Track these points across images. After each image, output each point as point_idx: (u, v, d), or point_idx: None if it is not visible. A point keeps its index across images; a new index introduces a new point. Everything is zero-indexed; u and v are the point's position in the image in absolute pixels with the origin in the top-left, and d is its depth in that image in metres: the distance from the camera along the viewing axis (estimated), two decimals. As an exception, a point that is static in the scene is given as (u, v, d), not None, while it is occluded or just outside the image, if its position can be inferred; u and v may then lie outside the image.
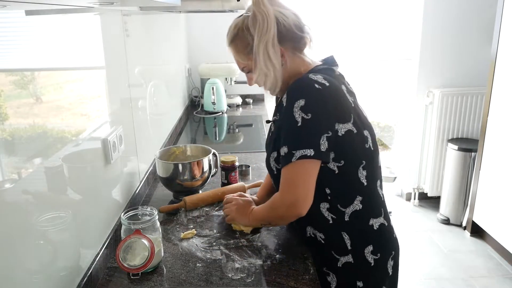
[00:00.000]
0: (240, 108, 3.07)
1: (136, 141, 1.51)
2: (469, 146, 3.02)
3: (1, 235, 0.69)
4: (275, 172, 1.10)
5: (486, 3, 3.01)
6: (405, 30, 3.28)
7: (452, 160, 3.07)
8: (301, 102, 0.98)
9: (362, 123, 1.06)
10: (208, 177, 1.50)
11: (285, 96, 1.04)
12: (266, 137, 1.28)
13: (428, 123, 3.30)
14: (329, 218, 1.08)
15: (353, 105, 1.06)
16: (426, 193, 3.40)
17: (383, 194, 1.15)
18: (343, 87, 1.07)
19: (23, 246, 0.75)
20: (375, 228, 1.10)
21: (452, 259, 2.68)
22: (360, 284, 1.10)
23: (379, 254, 1.09)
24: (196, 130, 2.64)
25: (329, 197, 1.06)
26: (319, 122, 0.98)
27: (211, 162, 1.50)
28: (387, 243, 1.13)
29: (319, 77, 1.01)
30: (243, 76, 3.44)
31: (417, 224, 3.13)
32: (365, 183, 1.07)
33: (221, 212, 1.37)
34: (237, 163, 1.58)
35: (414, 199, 3.44)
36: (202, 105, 2.94)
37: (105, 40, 1.22)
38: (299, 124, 0.98)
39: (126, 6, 1.42)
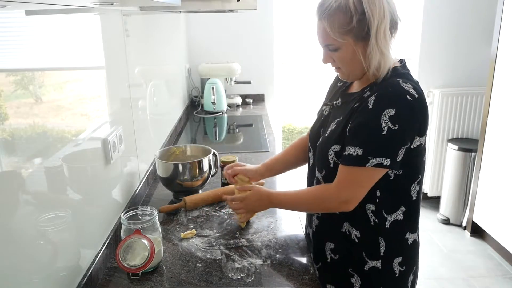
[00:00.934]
0: (240, 108, 3.07)
1: (136, 141, 1.51)
2: (469, 146, 3.02)
3: (1, 235, 0.69)
4: (332, 165, 1.07)
5: (486, 3, 3.01)
6: (405, 30, 3.28)
7: (452, 160, 3.07)
8: (391, 112, 0.95)
9: (426, 136, 1.06)
10: (208, 177, 1.50)
11: (372, 97, 0.98)
12: (315, 122, 1.21)
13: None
14: (371, 220, 1.07)
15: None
16: (426, 193, 3.40)
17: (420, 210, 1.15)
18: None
19: (23, 246, 0.75)
20: (409, 243, 1.10)
21: (452, 259, 2.67)
22: None
23: (404, 267, 1.09)
24: (196, 130, 2.64)
25: (377, 200, 1.05)
26: (404, 134, 0.97)
27: (211, 162, 1.50)
28: (413, 259, 1.13)
29: (409, 87, 0.98)
30: (243, 76, 3.43)
31: (417, 224, 3.13)
32: (414, 198, 1.08)
33: (221, 212, 1.37)
34: (237, 163, 1.58)
35: (414, 199, 3.44)
36: (202, 105, 2.94)
37: (105, 40, 1.22)
38: (384, 133, 0.95)
39: (126, 6, 1.42)
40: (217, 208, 1.41)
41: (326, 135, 1.10)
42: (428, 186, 3.37)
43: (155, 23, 1.98)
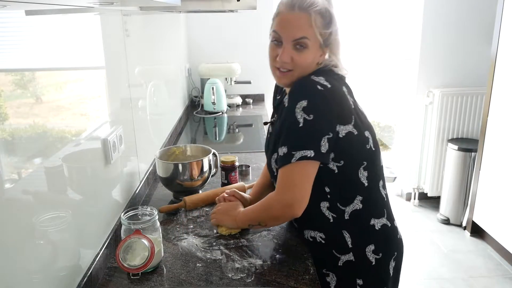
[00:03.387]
0: (240, 108, 3.07)
1: (136, 141, 1.51)
2: (469, 146, 3.02)
3: (1, 235, 0.69)
4: (275, 174, 1.10)
5: (486, 3, 3.01)
6: (405, 30, 3.28)
7: (452, 160, 3.07)
8: (304, 103, 0.98)
9: (362, 124, 1.06)
10: (208, 177, 1.50)
11: (286, 97, 1.04)
12: (265, 143, 1.27)
13: (428, 123, 3.30)
14: (330, 217, 1.07)
15: (353, 106, 1.06)
16: (426, 193, 3.40)
17: (386, 195, 1.14)
18: (344, 88, 1.07)
19: (23, 246, 0.75)
20: (376, 228, 1.09)
21: (452, 259, 2.67)
22: (360, 282, 1.10)
23: (380, 254, 1.09)
24: (196, 130, 2.64)
25: (328, 196, 1.06)
26: (321, 123, 0.98)
27: (211, 162, 1.50)
28: (389, 244, 1.13)
29: (321, 79, 1.01)
30: (243, 76, 3.44)
31: (417, 224, 3.13)
32: (366, 184, 1.07)
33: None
34: (237, 163, 1.58)
35: (414, 199, 3.44)
36: (202, 105, 2.94)
37: (105, 40, 1.22)
38: (301, 125, 0.98)
39: (126, 6, 1.42)
40: (217, 208, 1.41)
41: (269, 148, 1.15)
42: (428, 186, 3.37)
43: (155, 23, 1.98)
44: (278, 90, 1.27)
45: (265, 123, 1.25)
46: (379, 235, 1.10)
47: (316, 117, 0.97)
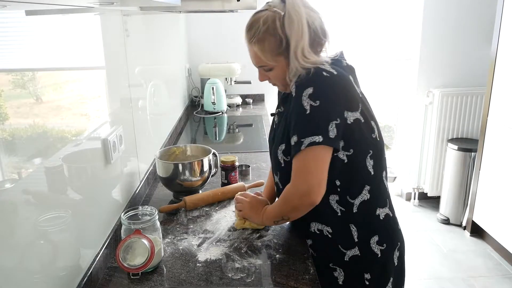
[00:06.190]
0: (240, 108, 3.07)
1: (136, 141, 1.51)
2: (469, 146, 3.02)
3: (1, 235, 0.69)
4: (283, 165, 1.10)
5: (485, 3, 3.01)
6: (405, 30, 3.28)
7: (452, 160, 3.07)
8: (309, 90, 0.99)
9: (369, 114, 1.07)
10: (208, 177, 1.50)
11: (294, 86, 1.03)
12: (269, 134, 1.27)
13: (428, 123, 3.30)
14: (338, 211, 1.08)
15: (360, 95, 1.07)
16: (426, 193, 3.40)
17: (387, 185, 1.16)
18: (351, 77, 1.08)
19: (23, 246, 0.76)
20: (381, 218, 1.10)
21: (452, 259, 2.68)
22: (367, 276, 1.10)
23: (384, 245, 1.10)
24: (196, 130, 2.64)
25: (338, 189, 1.07)
26: (327, 109, 0.99)
27: (211, 162, 1.50)
28: (392, 234, 1.14)
29: (327, 67, 1.02)
30: (243, 76, 3.44)
31: (417, 224, 3.13)
32: (372, 172, 1.08)
33: (221, 212, 1.38)
34: (237, 163, 1.58)
35: (414, 199, 3.44)
36: (202, 105, 2.94)
37: (105, 40, 1.22)
38: (308, 111, 0.98)
39: (126, 6, 1.42)
40: (217, 208, 1.41)
41: (275, 140, 1.15)
42: (428, 186, 3.37)
43: (155, 23, 1.98)
44: None
45: (272, 114, 1.25)
46: (382, 225, 1.11)
47: (323, 103, 0.98)
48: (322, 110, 0.98)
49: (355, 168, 1.07)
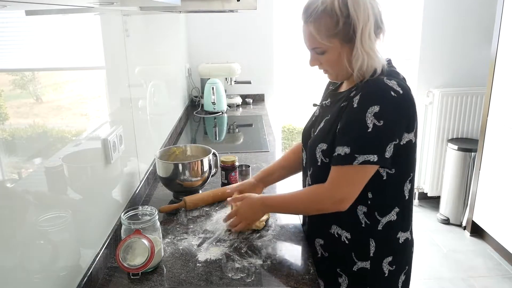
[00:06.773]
0: (240, 108, 3.07)
1: (136, 141, 1.51)
2: (469, 146, 3.02)
3: (1, 235, 0.69)
4: (319, 164, 1.08)
5: (485, 3, 3.01)
6: (405, 30, 3.28)
7: (452, 160, 3.07)
8: (376, 109, 0.96)
9: (417, 132, 1.06)
10: (208, 177, 1.50)
11: (357, 97, 0.99)
12: (307, 123, 1.22)
13: (428, 123, 3.30)
14: (363, 222, 1.07)
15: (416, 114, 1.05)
16: (426, 193, 3.40)
17: (412, 209, 1.15)
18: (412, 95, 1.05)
19: (23, 246, 0.76)
20: (400, 242, 1.10)
21: (452, 259, 2.67)
22: None
23: (394, 266, 1.09)
24: (196, 130, 2.64)
25: (369, 202, 1.05)
26: (390, 130, 0.98)
27: (211, 162, 1.50)
28: (405, 258, 1.13)
29: (394, 83, 0.99)
30: (243, 76, 3.43)
31: (417, 224, 3.13)
32: (407, 197, 1.08)
33: (221, 212, 1.37)
34: (237, 163, 1.58)
35: (414, 199, 3.44)
36: (202, 105, 2.94)
37: (105, 40, 1.22)
38: (370, 130, 0.96)
39: (126, 6, 1.42)
40: (217, 208, 1.41)
41: (315, 134, 1.12)
42: (428, 186, 3.37)
43: (155, 23, 1.98)
44: None
45: (315, 105, 1.22)
46: (400, 248, 1.10)
47: (386, 123, 0.96)
48: (385, 131, 0.97)
49: (392, 188, 1.06)
